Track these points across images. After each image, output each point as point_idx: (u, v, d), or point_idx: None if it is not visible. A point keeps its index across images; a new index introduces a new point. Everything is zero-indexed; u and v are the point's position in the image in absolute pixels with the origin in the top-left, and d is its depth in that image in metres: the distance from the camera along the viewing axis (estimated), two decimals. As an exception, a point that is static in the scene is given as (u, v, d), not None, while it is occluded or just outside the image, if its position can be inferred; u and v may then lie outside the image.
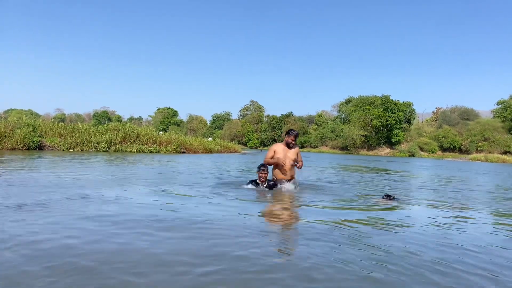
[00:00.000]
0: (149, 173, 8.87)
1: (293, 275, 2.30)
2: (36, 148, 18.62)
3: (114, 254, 2.58)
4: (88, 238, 2.94)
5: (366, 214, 4.55)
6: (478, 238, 3.54)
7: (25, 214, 3.66)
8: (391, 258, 2.73)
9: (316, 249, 2.86)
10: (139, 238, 3.00)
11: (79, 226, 3.30)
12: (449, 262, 2.70)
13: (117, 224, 3.46)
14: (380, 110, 66.11)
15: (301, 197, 5.89)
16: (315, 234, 3.33)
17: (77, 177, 7.15)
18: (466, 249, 3.10)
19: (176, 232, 3.23)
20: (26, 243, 2.73)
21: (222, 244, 2.89)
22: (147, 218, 3.72)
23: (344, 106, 79.28)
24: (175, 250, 2.72)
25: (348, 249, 2.89)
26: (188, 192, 5.77)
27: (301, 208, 5.03)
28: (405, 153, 60.67)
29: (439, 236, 3.52)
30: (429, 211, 5.01)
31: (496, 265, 2.72)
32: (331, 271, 2.38)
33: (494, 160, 48.03)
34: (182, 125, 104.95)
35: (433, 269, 2.52)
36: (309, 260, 2.58)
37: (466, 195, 7.31)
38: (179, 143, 25.35)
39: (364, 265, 2.52)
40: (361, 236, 3.33)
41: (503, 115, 61.99)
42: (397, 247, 3.02)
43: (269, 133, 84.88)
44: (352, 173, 12.41)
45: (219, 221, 3.72)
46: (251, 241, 3.03)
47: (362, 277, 2.32)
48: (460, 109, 70.92)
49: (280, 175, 6.68)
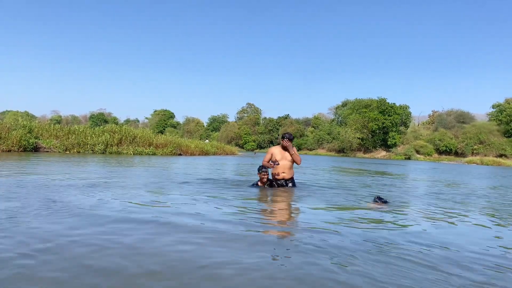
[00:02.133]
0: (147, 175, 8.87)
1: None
2: (32, 150, 18.56)
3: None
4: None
5: (359, 216, 4.57)
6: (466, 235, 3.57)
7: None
8: (390, 259, 2.75)
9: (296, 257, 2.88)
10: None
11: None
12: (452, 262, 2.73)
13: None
14: (377, 113, 66.44)
15: (291, 198, 5.92)
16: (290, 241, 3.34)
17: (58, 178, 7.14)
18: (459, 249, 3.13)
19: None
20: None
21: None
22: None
23: (341, 109, 79.58)
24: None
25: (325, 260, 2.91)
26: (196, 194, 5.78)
27: (287, 210, 5.06)
28: (401, 156, 60.93)
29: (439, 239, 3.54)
30: (422, 214, 5.04)
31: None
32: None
33: (490, 163, 48.30)
34: (179, 127, 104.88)
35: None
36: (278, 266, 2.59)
37: (464, 197, 7.36)
38: (176, 145, 25.37)
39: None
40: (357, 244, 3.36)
41: (499, 118, 62.43)
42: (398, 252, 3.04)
43: (266, 136, 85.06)
44: (347, 176, 12.45)
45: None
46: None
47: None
48: (456, 112, 71.37)
49: (281, 174, 7.02)
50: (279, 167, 7.02)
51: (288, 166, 7.06)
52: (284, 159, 7.02)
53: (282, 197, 6.08)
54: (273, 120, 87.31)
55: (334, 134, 71.00)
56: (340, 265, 2.58)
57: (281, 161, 7.00)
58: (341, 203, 5.67)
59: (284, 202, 5.76)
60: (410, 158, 58.63)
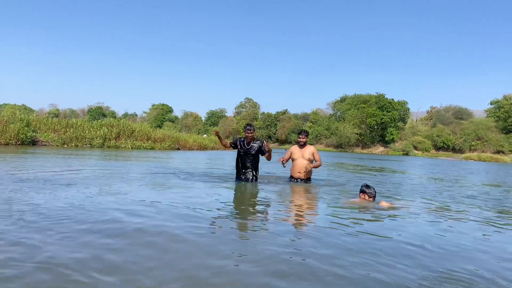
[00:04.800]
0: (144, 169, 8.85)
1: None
2: (29, 143, 18.49)
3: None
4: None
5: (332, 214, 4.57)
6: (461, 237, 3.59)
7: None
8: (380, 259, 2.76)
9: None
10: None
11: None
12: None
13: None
14: (375, 108, 66.34)
15: (276, 193, 5.91)
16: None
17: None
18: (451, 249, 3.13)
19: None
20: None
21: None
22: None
23: (339, 104, 79.37)
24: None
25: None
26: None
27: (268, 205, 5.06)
28: (399, 152, 60.95)
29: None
30: (419, 213, 5.05)
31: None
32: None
33: (487, 159, 48.42)
34: (177, 121, 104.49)
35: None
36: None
37: (459, 194, 7.38)
38: (174, 140, 25.30)
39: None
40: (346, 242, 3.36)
41: (496, 115, 62.51)
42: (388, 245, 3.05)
43: (264, 131, 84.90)
44: (347, 173, 12.46)
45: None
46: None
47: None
48: (454, 109, 71.38)
49: (296, 174, 7.05)
50: (295, 166, 7.02)
51: (305, 165, 6.94)
52: (301, 158, 6.98)
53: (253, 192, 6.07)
54: (272, 115, 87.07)
55: (332, 129, 70.85)
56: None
57: (298, 159, 6.98)
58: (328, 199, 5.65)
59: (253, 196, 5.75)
60: (408, 154, 58.66)
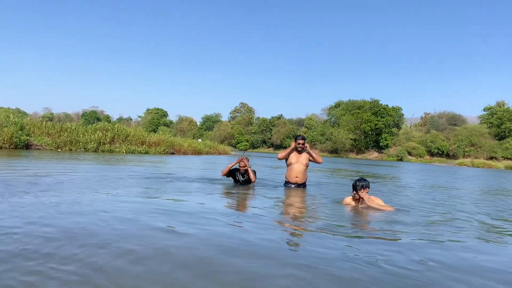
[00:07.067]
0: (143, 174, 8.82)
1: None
2: (23, 147, 18.35)
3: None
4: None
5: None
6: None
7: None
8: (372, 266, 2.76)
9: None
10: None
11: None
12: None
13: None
14: (369, 114, 66.74)
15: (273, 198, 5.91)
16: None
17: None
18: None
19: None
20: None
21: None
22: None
23: (334, 109, 79.78)
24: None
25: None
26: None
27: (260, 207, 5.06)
28: (393, 157, 61.27)
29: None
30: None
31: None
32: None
33: (481, 165, 48.75)
34: (172, 126, 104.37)
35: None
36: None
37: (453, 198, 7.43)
38: (169, 144, 25.25)
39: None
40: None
41: (490, 121, 63.13)
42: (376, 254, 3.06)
43: (259, 136, 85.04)
44: (342, 178, 12.48)
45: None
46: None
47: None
48: (447, 115, 72.02)
49: (293, 179, 7.04)
50: (292, 171, 7.00)
51: (302, 170, 6.99)
52: (299, 163, 7.00)
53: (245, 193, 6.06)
54: (267, 120, 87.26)
55: (327, 135, 71.15)
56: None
57: (295, 164, 6.99)
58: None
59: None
60: (402, 160, 59.00)
